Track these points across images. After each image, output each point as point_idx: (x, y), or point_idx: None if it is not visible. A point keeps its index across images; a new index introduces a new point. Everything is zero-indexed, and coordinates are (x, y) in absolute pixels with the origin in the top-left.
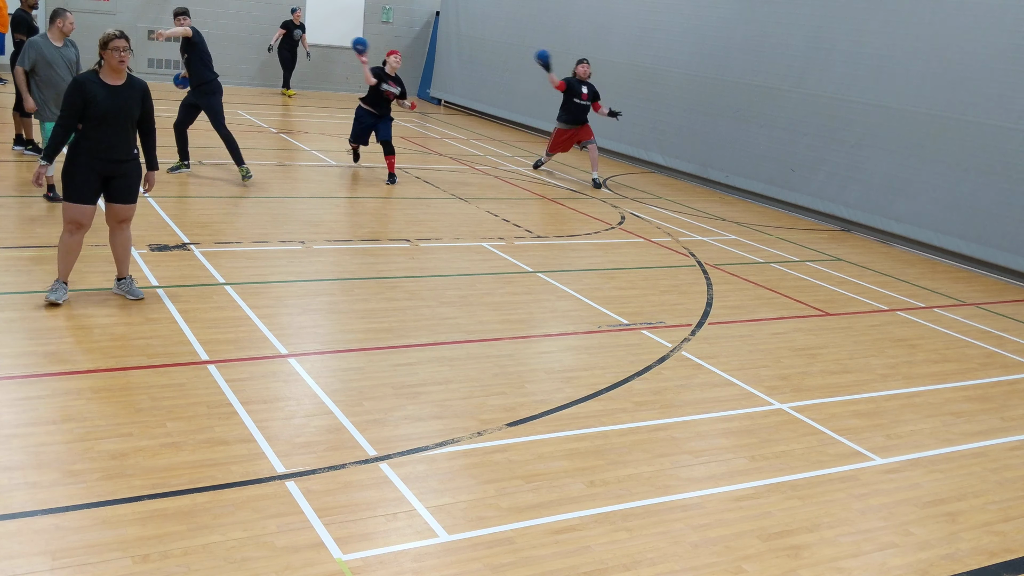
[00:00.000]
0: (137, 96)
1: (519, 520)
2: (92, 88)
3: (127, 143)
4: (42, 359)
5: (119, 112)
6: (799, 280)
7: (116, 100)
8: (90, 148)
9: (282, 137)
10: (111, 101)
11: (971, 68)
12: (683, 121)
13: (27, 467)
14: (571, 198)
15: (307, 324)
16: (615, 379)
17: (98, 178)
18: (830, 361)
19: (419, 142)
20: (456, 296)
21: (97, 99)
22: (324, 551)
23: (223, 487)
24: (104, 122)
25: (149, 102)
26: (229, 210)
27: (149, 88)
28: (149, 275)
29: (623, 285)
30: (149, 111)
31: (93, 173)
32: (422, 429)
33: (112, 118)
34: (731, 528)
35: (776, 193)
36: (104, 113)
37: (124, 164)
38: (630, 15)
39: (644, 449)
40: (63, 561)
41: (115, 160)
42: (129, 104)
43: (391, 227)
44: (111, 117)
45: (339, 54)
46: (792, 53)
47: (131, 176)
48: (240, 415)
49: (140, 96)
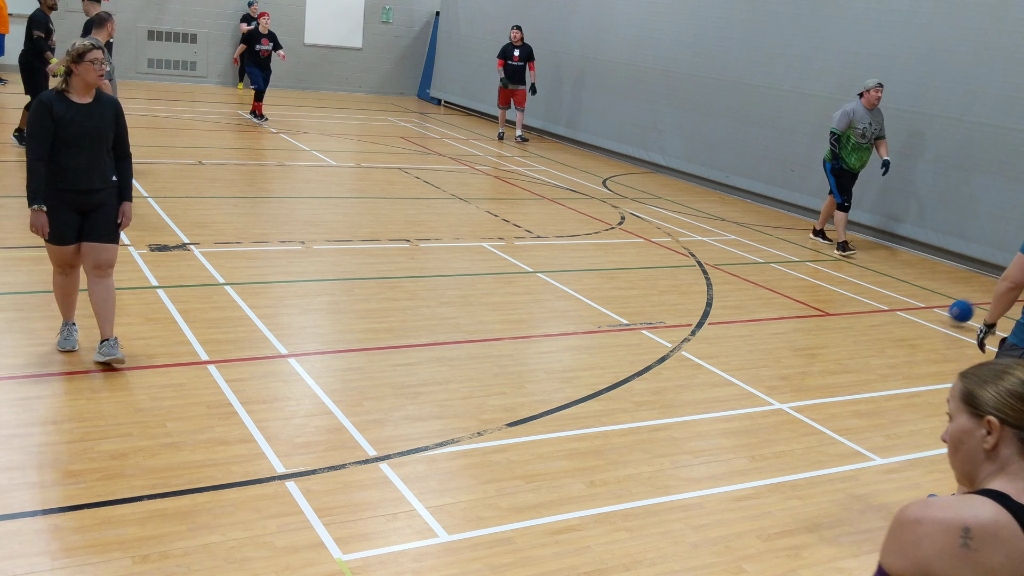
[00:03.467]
0: (110, 114)
1: (519, 520)
2: (60, 108)
3: (102, 169)
4: (42, 359)
5: (92, 134)
6: (799, 280)
7: (88, 121)
8: (61, 178)
9: (282, 137)
10: (83, 122)
11: (970, 68)
12: (683, 121)
13: (27, 467)
14: (571, 198)
15: (307, 324)
16: (615, 379)
17: (75, 212)
18: (830, 361)
19: (419, 142)
20: (456, 296)
21: (66, 120)
22: (324, 551)
23: (223, 487)
24: (76, 146)
25: (123, 121)
26: (229, 210)
27: (121, 105)
28: (149, 275)
29: (623, 285)
30: (124, 131)
31: (66, 207)
32: (422, 429)
33: (85, 141)
34: (731, 528)
35: (776, 193)
36: (76, 136)
37: (101, 193)
38: (630, 15)
39: (644, 449)
40: (63, 561)
41: (91, 190)
42: (102, 124)
43: (391, 227)
44: (84, 140)
45: (339, 54)
46: (792, 53)
47: (109, 207)
48: (240, 415)
49: (113, 114)
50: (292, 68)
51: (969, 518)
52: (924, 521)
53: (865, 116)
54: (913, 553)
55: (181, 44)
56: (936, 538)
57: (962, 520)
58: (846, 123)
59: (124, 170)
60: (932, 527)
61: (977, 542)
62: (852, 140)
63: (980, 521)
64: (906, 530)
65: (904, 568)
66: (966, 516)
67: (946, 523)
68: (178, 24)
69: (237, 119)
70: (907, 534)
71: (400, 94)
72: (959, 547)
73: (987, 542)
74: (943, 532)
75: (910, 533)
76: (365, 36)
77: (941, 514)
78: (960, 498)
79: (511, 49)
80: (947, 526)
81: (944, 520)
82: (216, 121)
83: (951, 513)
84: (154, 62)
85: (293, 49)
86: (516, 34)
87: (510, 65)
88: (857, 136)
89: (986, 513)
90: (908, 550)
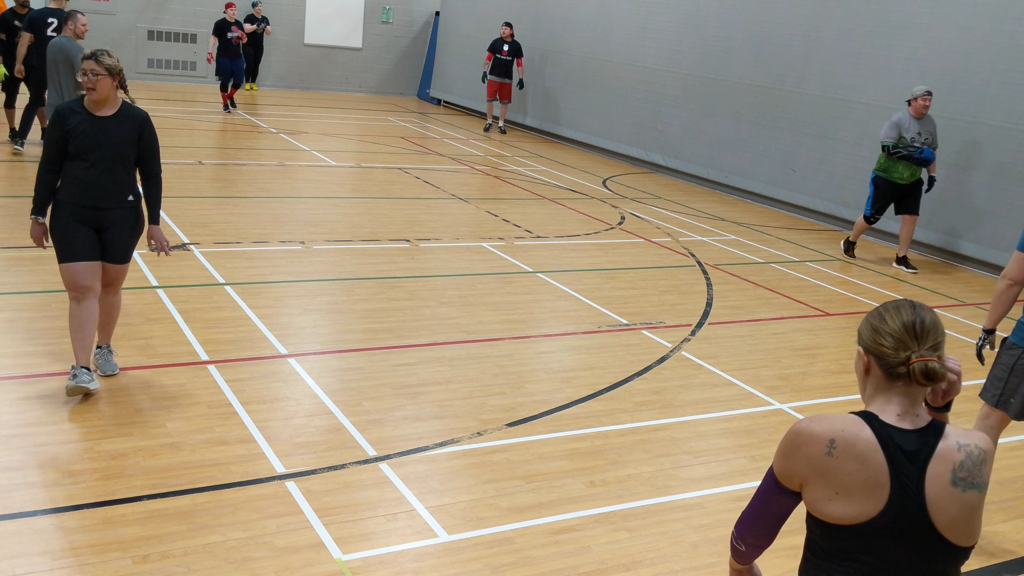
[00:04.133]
0: (131, 129)
1: (519, 520)
2: (74, 119)
3: (116, 187)
4: (42, 359)
5: (104, 148)
6: (799, 280)
7: (102, 134)
8: (69, 190)
9: (282, 137)
10: (95, 135)
11: (970, 68)
12: (683, 121)
13: (27, 467)
14: (571, 198)
15: (307, 324)
16: (615, 379)
17: (87, 228)
18: (830, 361)
19: (419, 142)
20: (456, 296)
21: (77, 132)
22: (324, 551)
23: (223, 487)
24: (85, 160)
25: (150, 137)
26: (229, 210)
27: (150, 118)
28: (149, 275)
29: (623, 285)
30: (149, 148)
31: (77, 222)
32: (422, 429)
33: (96, 155)
34: (731, 528)
35: (776, 193)
36: (84, 149)
37: (111, 213)
38: (630, 15)
39: (644, 449)
40: (63, 561)
41: (99, 208)
42: (119, 139)
43: (391, 227)
44: (95, 154)
45: (339, 54)
46: (792, 53)
47: (123, 228)
48: (240, 415)
49: (137, 129)
50: (292, 68)
51: (837, 431)
52: (803, 432)
53: (914, 125)
54: (792, 457)
55: (181, 44)
56: (809, 446)
57: (831, 433)
58: (895, 134)
59: (149, 191)
60: (807, 437)
61: (839, 451)
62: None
63: (844, 435)
64: (789, 439)
65: (784, 469)
66: (835, 429)
67: (817, 435)
68: (178, 24)
69: (237, 119)
70: (789, 442)
71: (400, 94)
72: (824, 455)
73: (846, 451)
74: (814, 442)
75: (791, 441)
76: (365, 36)
77: (817, 427)
78: (836, 415)
79: (501, 44)
80: (818, 437)
81: (817, 433)
82: (216, 121)
83: (825, 426)
84: (154, 62)
85: (293, 49)
86: (506, 30)
87: (498, 59)
88: (905, 146)
89: (851, 429)
90: (788, 455)
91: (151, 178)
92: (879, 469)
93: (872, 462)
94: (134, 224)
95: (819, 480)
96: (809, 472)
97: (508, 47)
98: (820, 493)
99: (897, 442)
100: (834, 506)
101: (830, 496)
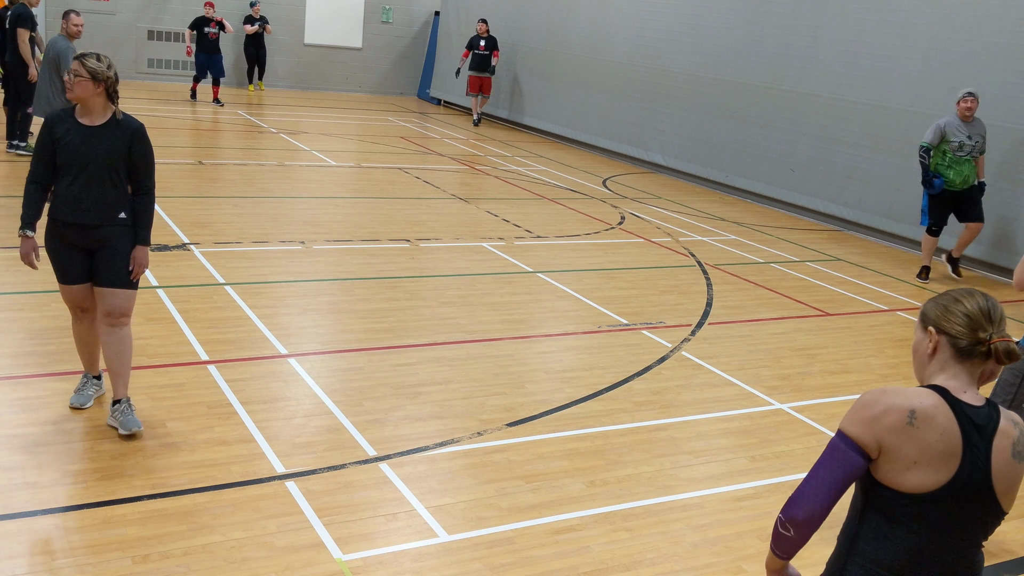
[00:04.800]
0: (122, 141)
1: (519, 520)
2: (61, 128)
3: (103, 203)
4: (42, 359)
5: (89, 160)
6: (799, 280)
7: (87, 144)
8: (56, 208)
9: (282, 137)
10: (81, 144)
11: (971, 68)
12: (683, 121)
13: (27, 467)
14: (571, 198)
15: (307, 324)
16: (615, 379)
17: (76, 250)
18: (830, 361)
19: (419, 142)
20: (456, 296)
21: (64, 142)
22: (324, 551)
23: (223, 487)
24: (69, 173)
25: (141, 149)
26: (229, 210)
27: (144, 131)
28: (149, 275)
29: (623, 285)
30: (141, 162)
31: (67, 245)
32: (422, 429)
33: (82, 168)
34: (731, 528)
35: (776, 193)
36: (69, 160)
37: (100, 231)
38: (630, 15)
39: (644, 449)
40: (63, 561)
41: (85, 225)
42: (107, 151)
43: (391, 227)
44: (81, 167)
45: (339, 54)
46: (792, 53)
47: (115, 248)
48: (240, 415)
49: (128, 141)
50: (292, 68)
51: (916, 403)
52: (882, 403)
53: (961, 128)
54: (871, 424)
55: (181, 44)
56: (890, 415)
57: (911, 404)
58: (937, 136)
59: (139, 208)
60: (888, 407)
61: (919, 422)
62: (949, 154)
63: (923, 406)
64: (868, 407)
65: (861, 434)
66: (913, 402)
67: (898, 405)
68: (178, 24)
69: (237, 119)
70: (868, 411)
71: (400, 94)
72: (906, 424)
73: (927, 422)
74: (896, 412)
75: (870, 410)
76: (365, 36)
77: (896, 398)
78: (911, 389)
79: (477, 40)
80: (899, 407)
81: (897, 403)
82: (216, 121)
83: (903, 398)
84: (154, 62)
85: (293, 49)
86: (482, 27)
87: (476, 54)
88: (953, 149)
89: (928, 401)
90: (867, 422)
91: (143, 194)
92: (955, 440)
93: (950, 433)
94: (127, 243)
95: (899, 449)
96: (891, 440)
97: (484, 42)
98: (897, 463)
99: (969, 415)
100: (911, 474)
101: (908, 465)
